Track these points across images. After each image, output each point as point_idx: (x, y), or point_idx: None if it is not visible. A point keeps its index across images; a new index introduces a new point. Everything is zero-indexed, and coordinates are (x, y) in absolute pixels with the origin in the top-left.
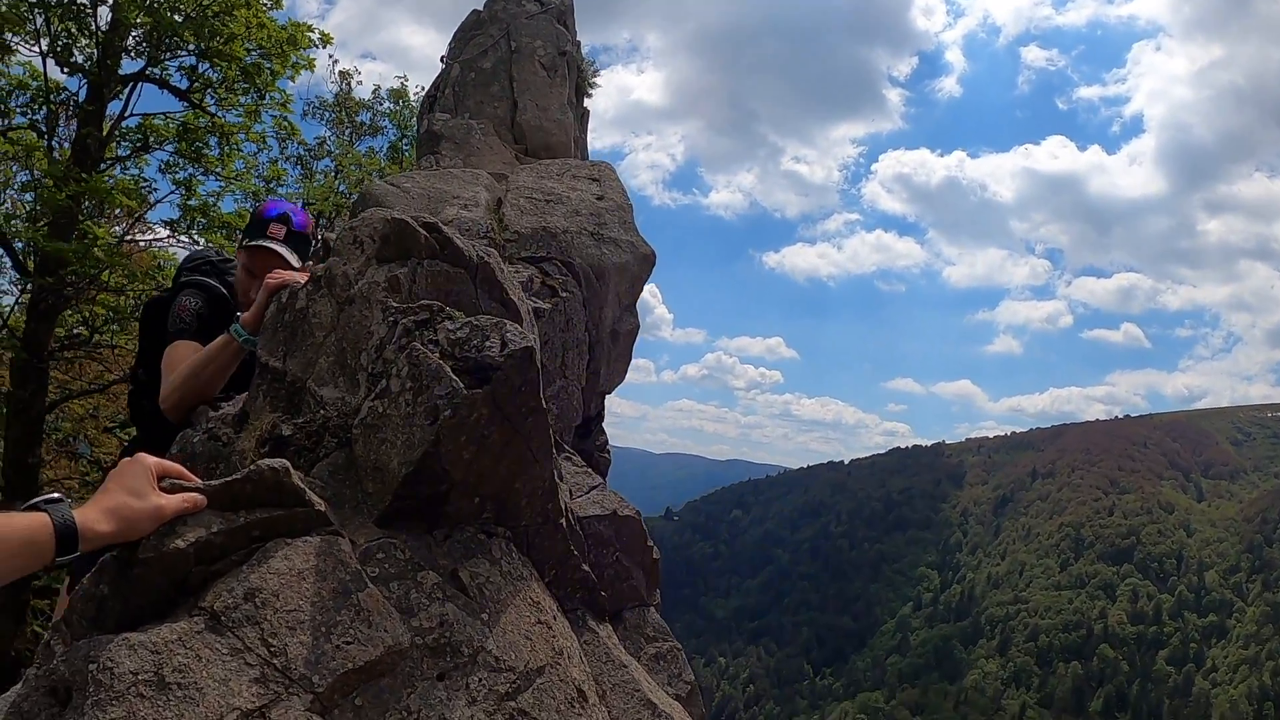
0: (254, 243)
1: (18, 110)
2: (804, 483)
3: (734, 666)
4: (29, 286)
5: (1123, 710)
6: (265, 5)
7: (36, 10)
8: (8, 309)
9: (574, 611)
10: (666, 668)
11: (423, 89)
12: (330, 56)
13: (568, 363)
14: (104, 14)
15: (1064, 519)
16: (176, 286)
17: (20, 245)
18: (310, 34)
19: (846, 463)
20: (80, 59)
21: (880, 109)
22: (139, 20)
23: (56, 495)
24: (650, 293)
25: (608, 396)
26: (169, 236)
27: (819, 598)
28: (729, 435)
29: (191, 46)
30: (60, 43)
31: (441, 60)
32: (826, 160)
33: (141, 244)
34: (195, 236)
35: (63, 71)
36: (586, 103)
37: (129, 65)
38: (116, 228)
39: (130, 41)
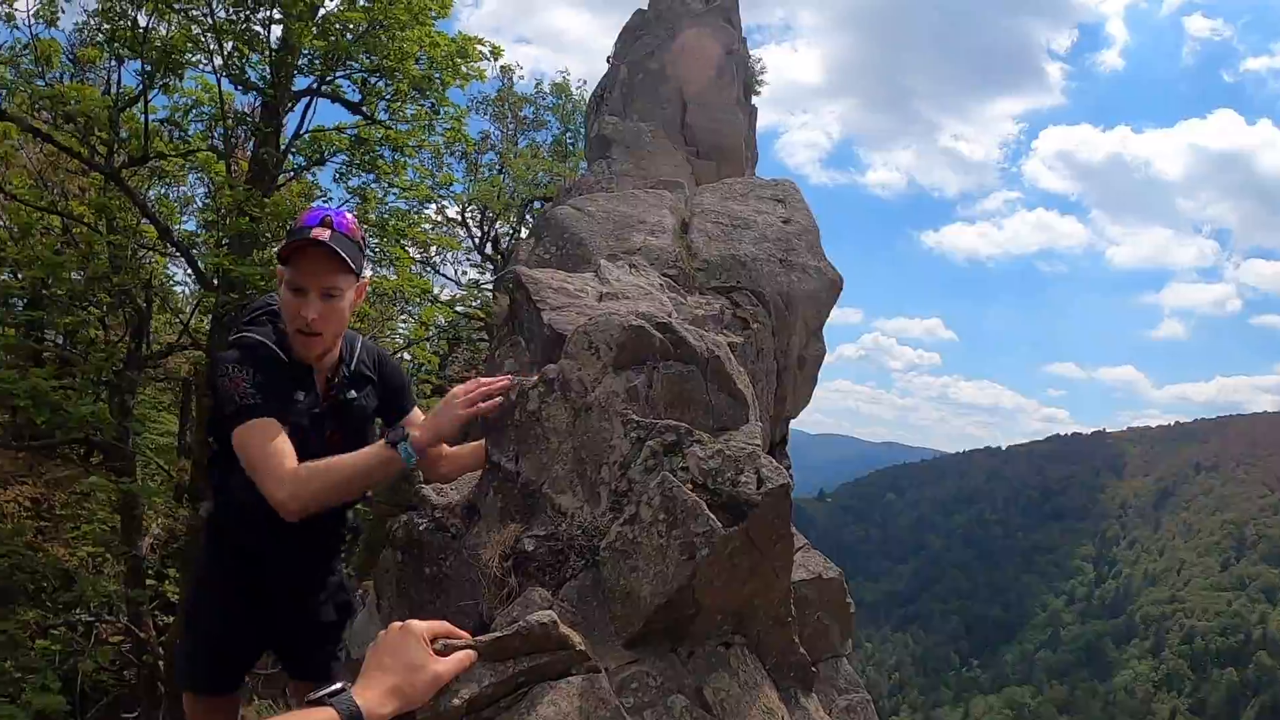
0: (294, 240)
1: (192, 123)
2: (960, 468)
3: (879, 652)
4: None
5: None
6: (433, 16)
7: (208, 34)
8: (189, 314)
9: (787, 690)
10: (855, 719)
11: (584, 82)
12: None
13: (757, 393)
14: (275, 30)
15: (1227, 516)
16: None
17: (201, 265)
18: (481, 46)
19: (1004, 448)
20: (254, 77)
21: (1040, 84)
22: (312, 43)
23: (340, 685)
24: None
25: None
26: None
27: (970, 586)
28: (885, 417)
29: (362, 63)
30: (233, 63)
31: (608, 60)
32: (985, 137)
33: None
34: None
35: (236, 89)
36: (753, 100)
37: (300, 81)
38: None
39: (303, 61)
